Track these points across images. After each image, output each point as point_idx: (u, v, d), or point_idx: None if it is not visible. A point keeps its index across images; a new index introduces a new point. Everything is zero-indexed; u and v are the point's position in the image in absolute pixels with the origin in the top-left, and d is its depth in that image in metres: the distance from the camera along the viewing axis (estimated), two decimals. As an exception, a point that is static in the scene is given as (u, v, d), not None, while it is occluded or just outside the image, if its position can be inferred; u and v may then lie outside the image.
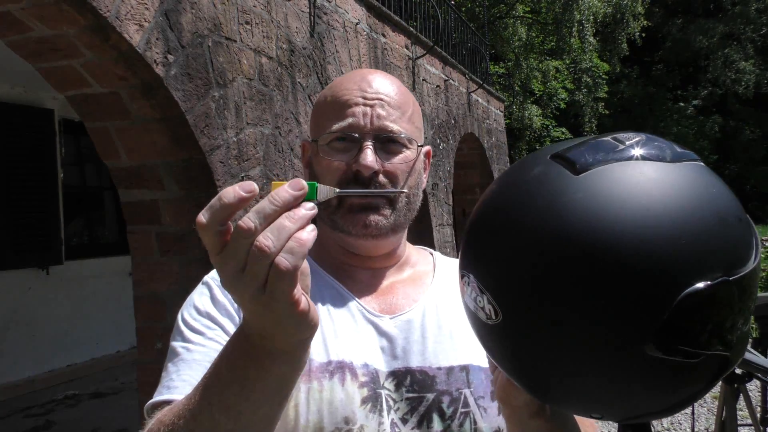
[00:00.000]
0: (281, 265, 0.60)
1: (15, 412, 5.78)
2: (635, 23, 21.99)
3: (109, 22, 2.81)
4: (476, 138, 10.15)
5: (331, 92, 1.10)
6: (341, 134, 1.04)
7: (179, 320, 1.03)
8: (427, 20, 8.43)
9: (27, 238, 6.39)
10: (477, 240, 0.72)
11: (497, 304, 0.67)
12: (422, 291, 1.11)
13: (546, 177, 0.67)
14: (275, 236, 0.61)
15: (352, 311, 1.05)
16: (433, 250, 1.24)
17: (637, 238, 0.59)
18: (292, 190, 0.63)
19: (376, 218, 1.03)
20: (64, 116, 6.81)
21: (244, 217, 0.61)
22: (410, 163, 1.07)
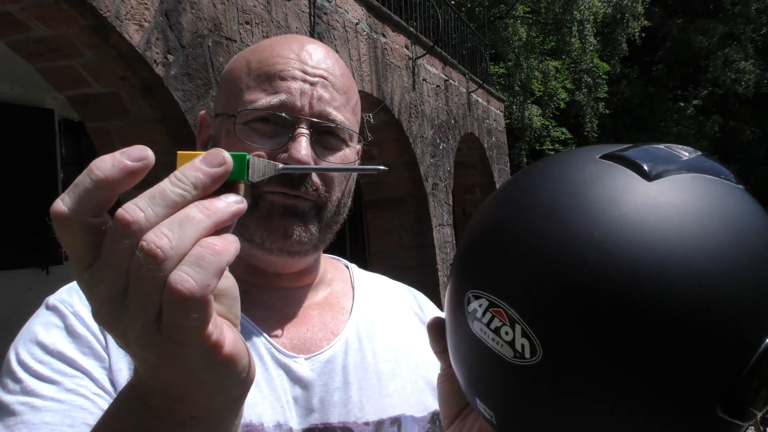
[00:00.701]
0: (178, 285, 0.38)
1: (15, 412, 5.78)
2: (635, 23, 22.01)
3: (109, 22, 2.81)
4: (476, 138, 10.15)
5: (257, 57, 0.85)
6: (269, 113, 0.81)
7: (13, 363, 0.72)
8: (427, 20, 8.43)
9: (27, 239, 6.38)
10: (506, 252, 0.55)
11: (538, 339, 0.51)
12: (342, 320, 0.90)
13: (606, 178, 0.54)
14: (175, 234, 0.39)
15: (260, 351, 0.81)
16: (347, 262, 1.02)
17: (730, 275, 0.49)
18: (207, 165, 0.42)
19: (299, 230, 0.81)
20: (64, 116, 6.80)
21: (128, 203, 0.41)
22: (348, 165, 0.87)
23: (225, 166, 0.42)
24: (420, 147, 7.03)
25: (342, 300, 0.93)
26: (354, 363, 0.85)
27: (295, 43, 0.86)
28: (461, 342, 0.60)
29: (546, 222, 0.53)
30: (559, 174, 0.57)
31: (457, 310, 0.60)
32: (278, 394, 0.79)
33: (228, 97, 0.86)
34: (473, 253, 0.60)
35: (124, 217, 0.39)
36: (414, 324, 0.96)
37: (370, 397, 0.84)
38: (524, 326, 0.52)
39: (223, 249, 0.40)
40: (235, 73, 0.86)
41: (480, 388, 0.59)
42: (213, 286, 0.40)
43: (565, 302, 0.50)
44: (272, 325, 0.85)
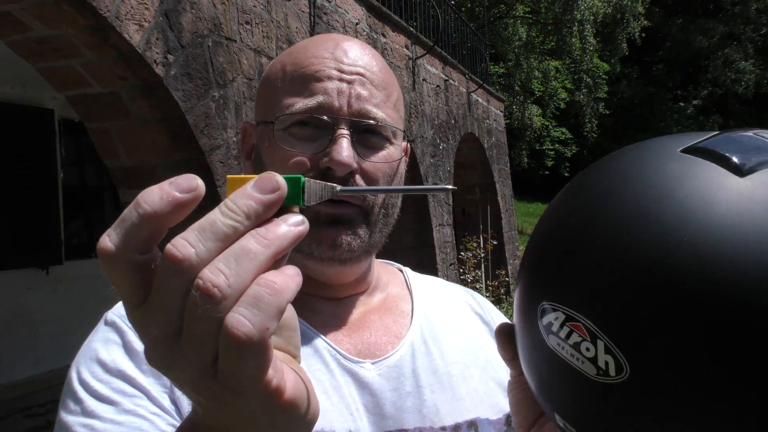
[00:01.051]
0: (234, 330, 0.35)
1: (15, 412, 5.78)
2: (635, 23, 22.02)
3: (109, 22, 2.81)
4: (476, 138, 10.15)
5: (293, 60, 0.82)
6: (307, 117, 0.78)
7: (74, 382, 0.72)
8: (427, 20, 8.43)
9: (27, 238, 6.38)
10: (582, 262, 0.50)
11: (624, 356, 0.46)
12: (404, 323, 0.87)
13: (692, 177, 0.49)
14: (232, 270, 0.36)
15: (324, 357, 0.78)
16: (400, 265, 0.98)
17: None
18: (259, 192, 0.38)
19: (348, 238, 0.78)
20: (64, 116, 6.81)
21: (177, 237, 0.37)
22: (393, 164, 0.83)
23: (279, 192, 0.39)
24: (420, 147, 7.03)
25: (400, 303, 0.90)
26: (423, 366, 0.82)
27: (329, 42, 0.83)
28: (536, 354, 0.55)
29: (628, 229, 0.48)
30: (639, 173, 0.51)
31: (529, 322, 0.55)
32: (347, 401, 0.76)
33: (266, 104, 0.83)
34: (544, 260, 0.55)
35: (173, 254, 0.36)
36: (477, 324, 0.93)
37: (444, 400, 0.81)
38: (607, 342, 0.47)
39: (283, 287, 0.37)
40: (271, 79, 0.84)
41: (559, 403, 0.55)
42: (272, 328, 0.36)
43: (654, 316, 0.45)
44: (334, 332, 0.82)
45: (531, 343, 0.56)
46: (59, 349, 6.71)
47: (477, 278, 8.79)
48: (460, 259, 8.66)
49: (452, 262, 8.24)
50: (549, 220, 0.57)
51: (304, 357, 0.74)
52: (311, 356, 0.77)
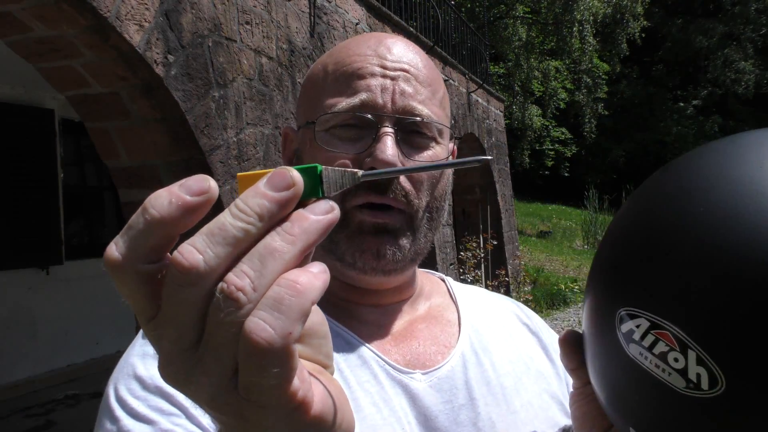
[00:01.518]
0: (254, 335, 0.32)
1: (15, 412, 5.78)
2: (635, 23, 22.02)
3: (110, 22, 2.81)
4: (476, 138, 10.15)
5: (335, 59, 0.80)
6: (350, 116, 0.75)
7: (111, 399, 0.68)
8: (427, 20, 8.43)
9: (27, 238, 6.39)
10: (672, 264, 0.45)
11: (719, 368, 0.42)
12: (452, 332, 0.83)
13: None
14: (257, 271, 0.33)
15: (372, 367, 0.74)
16: (442, 275, 0.95)
17: None
18: (272, 189, 0.35)
19: (392, 249, 0.75)
20: (64, 116, 6.81)
21: (183, 244, 0.34)
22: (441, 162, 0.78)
23: (294, 188, 0.35)
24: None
25: (446, 313, 0.86)
26: (475, 378, 0.78)
27: (372, 40, 0.80)
28: (611, 364, 0.51)
29: (725, 228, 0.43)
30: (735, 168, 0.46)
31: (604, 329, 0.50)
32: (398, 414, 0.72)
33: (308, 105, 0.80)
34: (623, 264, 0.50)
35: (180, 263, 0.33)
36: (525, 335, 0.90)
37: (498, 413, 0.77)
38: (700, 352, 0.43)
39: (306, 287, 0.33)
40: (313, 80, 0.81)
41: (636, 417, 0.50)
42: (296, 333, 0.33)
43: (755, 323, 0.41)
44: (380, 342, 0.78)
45: (606, 352, 0.51)
46: (59, 349, 6.71)
47: (477, 278, 8.79)
48: (460, 259, 8.66)
49: (452, 262, 8.24)
50: (625, 221, 0.52)
51: (352, 368, 0.73)
52: (359, 367, 0.74)
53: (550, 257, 15.70)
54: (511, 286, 10.73)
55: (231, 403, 0.34)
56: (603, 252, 0.54)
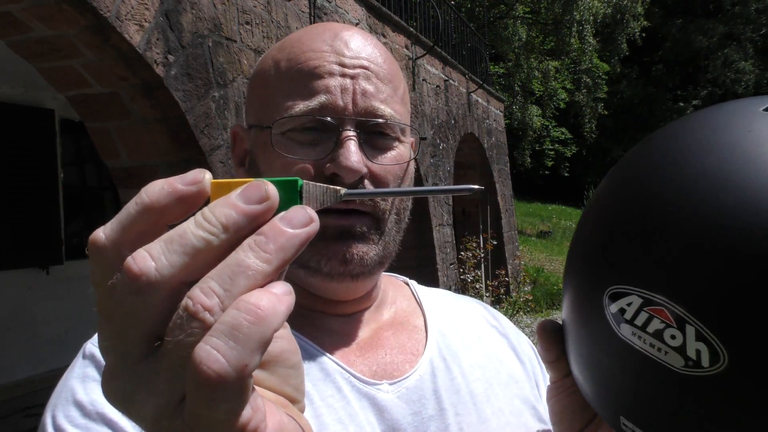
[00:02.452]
0: (203, 366, 0.29)
1: (15, 412, 5.78)
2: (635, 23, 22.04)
3: (110, 22, 2.81)
4: (476, 138, 10.15)
5: (287, 54, 0.73)
6: (308, 119, 0.70)
7: (48, 427, 0.62)
8: (427, 20, 8.43)
9: (27, 238, 6.39)
10: (661, 234, 0.43)
11: (721, 343, 0.40)
12: (419, 339, 0.79)
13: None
14: (226, 286, 0.30)
15: (336, 381, 0.70)
16: (405, 278, 0.91)
17: None
18: (243, 201, 0.32)
19: (359, 250, 0.70)
20: (64, 116, 6.81)
21: (139, 248, 0.31)
22: (404, 165, 0.75)
23: (268, 203, 0.32)
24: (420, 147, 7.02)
25: (411, 318, 0.82)
26: (444, 386, 0.74)
27: (326, 33, 0.74)
28: (599, 350, 0.49)
29: (717, 195, 0.42)
30: (718, 135, 0.45)
31: (590, 312, 0.48)
32: (365, 429, 0.68)
33: (260, 105, 0.75)
34: (609, 239, 0.47)
35: (130, 268, 0.30)
36: (494, 337, 0.86)
37: (469, 423, 0.73)
38: (700, 327, 0.41)
39: (268, 313, 0.30)
40: (264, 77, 0.75)
41: (628, 406, 0.48)
42: (253, 365, 0.30)
43: (755, 294, 0.39)
44: (345, 352, 0.73)
45: (593, 337, 0.49)
46: (59, 348, 6.71)
47: (477, 278, 8.80)
48: (460, 259, 8.67)
49: (452, 262, 8.24)
50: (609, 196, 0.50)
51: (315, 383, 0.68)
52: (322, 381, 0.69)
53: (550, 257, 15.70)
54: (511, 286, 10.73)
55: (175, 430, 0.31)
56: (584, 231, 0.52)
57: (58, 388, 0.66)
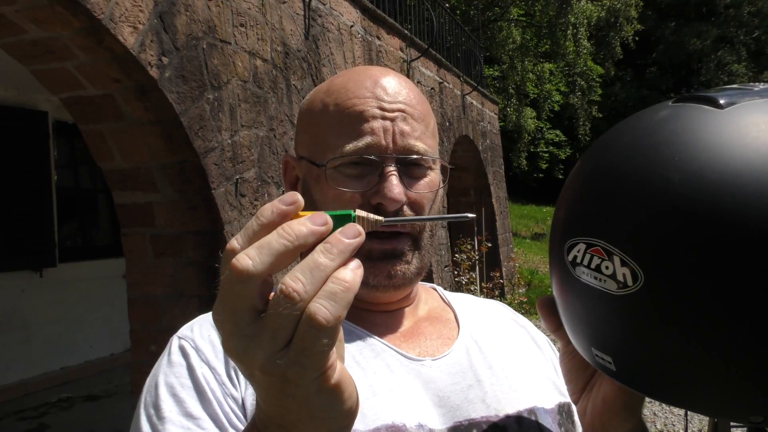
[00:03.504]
0: (318, 315, 0.45)
1: (8, 416, 5.76)
2: (629, 27, 22.10)
3: (103, 24, 2.80)
4: (471, 140, 10.16)
5: (335, 99, 0.88)
6: (357, 157, 0.84)
7: (142, 417, 0.77)
8: (421, 23, 8.44)
9: (20, 241, 6.36)
10: (593, 193, 0.59)
11: (637, 264, 0.53)
12: (452, 328, 0.94)
13: (681, 116, 0.58)
14: (307, 278, 0.46)
15: (385, 359, 0.84)
16: (434, 285, 1.07)
17: None
18: (311, 223, 0.48)
19: (401, 267, 0.86)
20: (57, 118, 6.79)
21: (240, 253, 0.47)
22: (436, 189, 0.90)
23: (327, 226, 0.48)
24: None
25: (443, 313, 0.97)
26: (479, 362, 0.88)
27: (368, 80, 0.88)
28: (569, 297, 0.62)
29: (629, 158, 0.56)
30: (638, 121, 0.61)
31: (559, 267, 0.62)
32: (413, 396, 0.81)
33: (312, 142, 0.89)
34: (565, 206, 0.63)
35: (236, 266, 0.46)
36: (515, 328, 1.00)
37: (503, 391, 0.86)
38: (621, 255, 0.54)
39: (351, 284, 0.47)
40: (314, 116, 0.90)
41: (594, 336, 0.61)
42: (343, 316, 0.46)
43: (655, 223, 0.52)
44: (392, 338, 0.88)
45: (564, 287, 0.62)
46: (52, 351, 6.68)
47: (471, 280, 8.80)
48: (455, 261, 8.67)
49: (447, 264, 8.24)
50: (565, 184, 0.67)
51: (368, 360, 0.83)
52: (374, 359, 0.83)
53: (545, 259, 15.72)
54: (506, 288, 10.74)
55: (278, 367, 0.46)
56: (556, 208, 0.67)
57: (152, 378, 0.80)
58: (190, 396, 0.76)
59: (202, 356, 0.79)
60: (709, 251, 0.50)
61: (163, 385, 0.77)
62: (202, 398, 0.75)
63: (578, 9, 18.47)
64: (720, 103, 0.56)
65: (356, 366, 0.81)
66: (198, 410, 0.75)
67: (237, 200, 3.74)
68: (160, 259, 3.49)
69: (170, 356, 0.81)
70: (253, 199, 3.93)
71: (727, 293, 0.50)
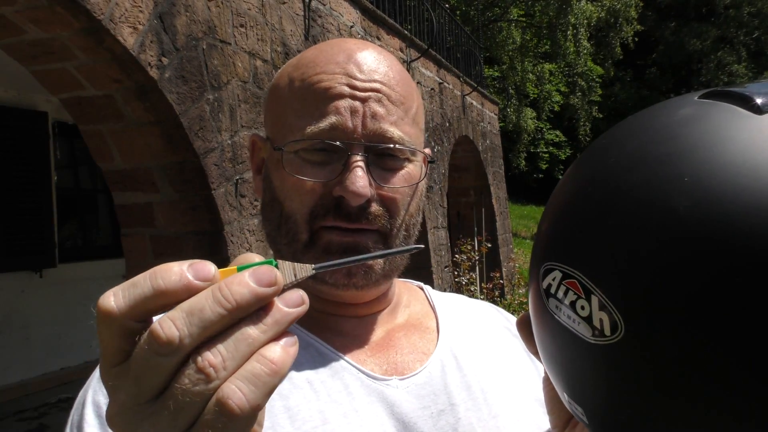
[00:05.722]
0: (231, 401, 0.36)
1: (8, 416, 5.75)
2: (628, 27, 22.11)
3: (103, 24, 2.80)
4: (470, 141, 10.16)
5: (301, 74, 0.75)
6: (318, 141, 0.71)
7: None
8: (421, 23, 8.44)
9: (20, 241, 6.36)
10: (580, 213, 0.46)
11: (618, 312, 0.41)
12: (430, 339, 0.81)
13: (704, 118, 0.44)
14: (230, 353, 0.37)
15: (344, 378, 0.72)
16: (420, 283, 0.93)
17: None
18: (255, 283, 0.38)
19: (363, 268, 0.73)
20: (57, 119, 6.79)
21: (163, 317, 0.37)
22: (414, 184, 0.76)
23: (275, 287, 0.38)
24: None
25: (424, 320, 0.84)
26: (454, 382, 0.76)
27: (341, 54, 0.74)
28: (542, 328, 0.51)
29: (628, 174, 0.43)
30: (650, 121, 0.47)
31: (535, 292, 0.51)
32: (372, 424, 0.69)
33: (273, 121, 0.77)
34: (547, 222, 0.50)
35: (158, 335, 0.36)
36: (507, 338, 0.88)
37: (480, 418, 0.75)
38: (601, 296, 0.42)
39: (280, 366, 0.37)
40: (279, 92, 0.77)
41: (565, 381, 0.49)
42: (262, 405, 0.37)
43: (647, 262, 0.40)
44: (356, 352, 0.76)
45: (537, 316, 0.51)
46: (52, 352, 6.68)
47: (471, 281, 8.80)
48: (455, 262, 8.67)
49: (447, 264, 8.24)
50: (557, 188, 0.54)
51: (324, 380, 0.71)
52: (330, 378, 0.71)
53: (545, 260, 15.67)
54: (506, 289, 10.74)
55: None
56: (539, 223, 0.55)
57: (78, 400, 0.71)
58: None
59: None
60: (724, 316, 0.37)
61: (90, 404, 0.68)
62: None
63: (578, 9, 18.47)
64: (756, 105, 0.42)
65: (308, 387, 0.70)
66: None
67: (237, 201, 3.74)
68: (160, 260, 3.47)
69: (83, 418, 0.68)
70: (253, 200, 3.93)
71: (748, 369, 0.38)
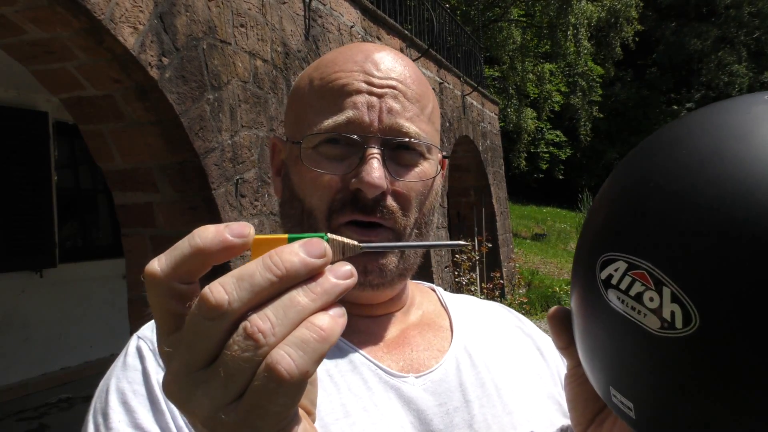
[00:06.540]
0: (280, 366, 0.35)
1: (8, 416, 5.75)
2: (629, 27, 22.11)
3: (104, 24, 2.80)
4: (471, 141, 10.16)
5: (320, 73, 0.78)
6: (335, 134, 0.74)
7: (90, 425, 0.68)
8: (421, 23, 8.44)
9: (20, 241, 6.36)
10: (648, 204, 0.45)
11: (693, 304, 0.41)
12: (444, 337, 0.83)
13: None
14: (279, 319, 0.36)
15: (363, 374, 0.74)
16: (432, 284, 0.96)
17: None
18: (306, 254, 0.38)
19: (379, 265, 0.75)
20: (57, 119, 6.79)
21: (214, 282, 0.37)
22: (429, 182, 0.78)
23: (325, 259, 0.38)
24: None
25: (438, 319, 0.86)
26: (469, 380, 0.78)
27: (359, 54, 0.78)
28: (592, 322, 0.50)
29: (701, 170, 0.43)
30: (718, 119, 0.46)
31: (586, 284, 0.50)
32: (390, 418, 0.71)
33: (294, 120, 0.80)
34: (605, 212, 0.49)
35: (207, 299, 0.36)
36: (519, 337, 0.90)
37: (494, 414, 0.76)
38: (675, 289, 0.42)
39: (329, 333, 0.37)
40: (299, 94, 0.81)
41: (615, 375, 0.49)
42: (312, 372, 0.36)
43: (730, 255, 0.40)
44: (373, 348, 0.78)
45: (588, 309, 0.50)
46: (53, 352, 6.68)
47: (472, 281, 8.80)
48: (455, 262, 8.67)
49: (447, 264, 8.24)
50: (610, 178, 0.53)
51: (343, 374, 0.73)
52: (350, 372, 0.73)
53: (545, 260, 15.72)
54: (506, 289, 10.74)
55: (225, 424, 0.37)
56: (590, 215, 0.54)
57: (104, 384, 0.72)
58: (141, 405, 0.66)
59: (159, 360, 0.69)
60: None
61: (114, 391, 0.68)
62: (155, 408, 0.66)
63: (578, 9, 18.47)
64: None
65: (329, 381, 0.72)
66: (149, 421, 0.65)
67: (237, 201, 3.74)
68: (160, 260, 3.49)
69: (126, 358, 0.71)
70: (253, 200, 3.93)
71: None
